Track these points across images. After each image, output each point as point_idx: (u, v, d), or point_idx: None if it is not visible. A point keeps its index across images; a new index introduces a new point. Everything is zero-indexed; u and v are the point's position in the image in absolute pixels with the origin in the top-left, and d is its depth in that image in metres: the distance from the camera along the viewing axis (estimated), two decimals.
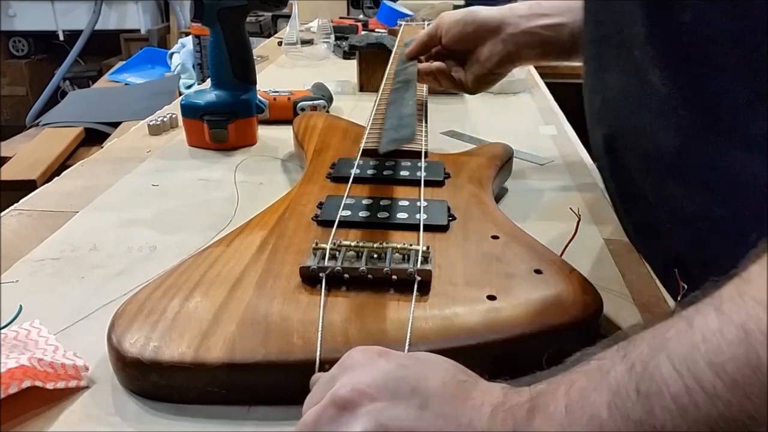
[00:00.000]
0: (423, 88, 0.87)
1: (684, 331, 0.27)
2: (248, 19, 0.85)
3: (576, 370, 0.30)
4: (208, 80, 0.88)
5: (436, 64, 0.79)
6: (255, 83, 0.85)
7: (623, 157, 0.48)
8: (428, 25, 1.28)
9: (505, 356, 0.41)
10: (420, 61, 0.81)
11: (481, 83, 0.78)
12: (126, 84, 2.22)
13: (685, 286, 0.46)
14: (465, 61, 0.77)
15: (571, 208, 0.62)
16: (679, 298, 0.48)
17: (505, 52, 0.73)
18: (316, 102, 0.96)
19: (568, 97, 0.94)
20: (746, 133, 0.38)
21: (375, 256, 0.46)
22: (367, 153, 0.68)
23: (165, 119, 0.92)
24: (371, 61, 1.13)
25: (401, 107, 0.61)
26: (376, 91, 0.88)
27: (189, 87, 1.72)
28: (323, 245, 0.46)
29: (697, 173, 0.41)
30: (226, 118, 0.82)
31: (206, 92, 0.85)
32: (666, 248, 0.47)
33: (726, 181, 0.40)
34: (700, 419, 0.25)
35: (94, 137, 1.73)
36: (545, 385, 0.31)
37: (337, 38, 1.53)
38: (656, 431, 0.26)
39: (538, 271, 0.46)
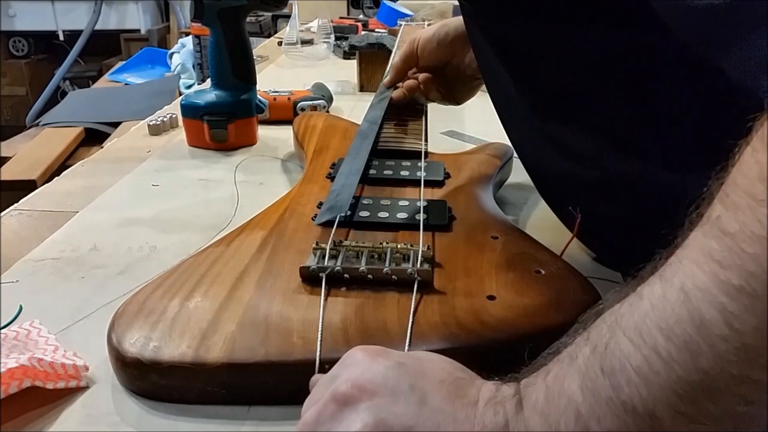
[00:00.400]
0: None
1: (635, 303, 0.28)
2: (248, 19, 0.85)
3: (550, 358, 0.32)
4: (208, 80, 0.88)
5: (422, 76, 0.78)
6: (255, 83, 0.85)
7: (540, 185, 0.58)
8: (428, 25, 1.29)
9: (505, 356, 0.41)
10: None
11: (468, 90, 0.77)
12: (126, 84, 2.22)
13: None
14: (446, 74, 0.76)
15: (571, 208, 0.62)
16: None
17: None
18: (316, 102, 0.96)
19: None
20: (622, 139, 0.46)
21: (375, 256, 0.46)
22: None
23: (165, 119, 0.92)
24: (371, 61, 1.13)
25: (351, 167, 0.59)
26: (376, 91, 0.88)
27: (189, 87, 1.72)
28: (323, 245, 0.46)
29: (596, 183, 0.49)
30: (226, 118, 0.82)
31: (206, 92, 0.85)
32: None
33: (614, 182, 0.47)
34: (663, 385, 0.26)
35: (94, 137, 1.72)
36: (530, 377, 0.32)
37: (337, 38, 1.53)
38: (627, 406, 0.27)
39: (538, 271, 0.46)
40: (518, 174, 0.76)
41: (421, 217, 0.53)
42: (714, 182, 0.27)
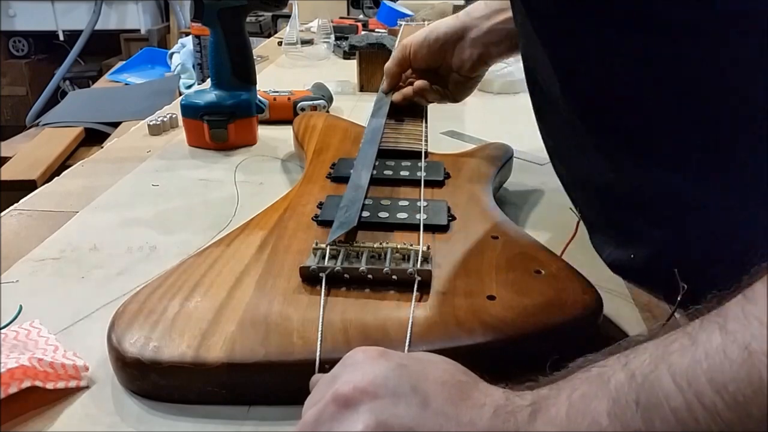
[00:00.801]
0: None
1: (687, 347, 0.27)
2: (248, 19, 0.85)
3: (578, 376, 0.31)
4: (208, 80, 0.88)
5: (418, 83, 0.78)
6: (255, 83, 0.85)
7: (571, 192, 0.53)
8: (428, 24, 1.29)
9: (505, 356, 0.41)
10: (399, 87, 0.80)
11: (464, 89, 0.78)
12: (126, 84, 2.22)
13: (685, 287, 0.46)
14: (440, 74, 0.77)
15: (571, 208, 0.62)
16: (678, 299, 0.48)
17: (475, 56, 0.73)
18: (316, 102, 0.96)
19: None
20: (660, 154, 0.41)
21: (375, 256, 0.46)
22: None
23: (165, 119, 0.92)
24: (371, 61, 1.13)
25: (358, 180, 0.59)
26: (376, 91, 0.88)
27: (189, 87, 1.72)
28: (323, 245, 0.46)
29: (630, 197, 0.44)
30: (226, 118, 0.82)
31: (206, 92, 0.85)
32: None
33: (655, 200, 0.43)
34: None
35: (94, 137, 1.72)
36: (547, 389, 0.31)
37: (337, 38, 1.53)
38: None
39: (538, 271, 0.46)
40: (518, 174, 0.76)
41: (421, 217, 0.53)
42: None
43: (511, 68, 1.17)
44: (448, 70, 0.75)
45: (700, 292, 0.30)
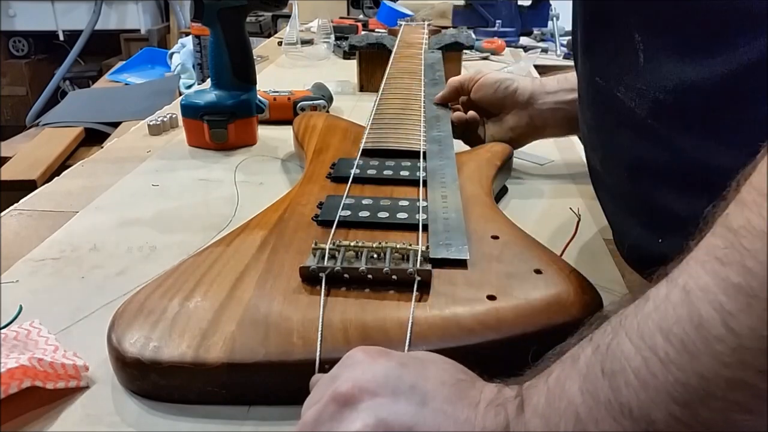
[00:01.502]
0: (423, 89, 0.87)
1: (640, 305, 0.28)
2: (248, 19, 0.85)
3: (554, 360, 0.32)
4: (208, 80, 0.88)
5: (471, 114, 0.79)
6: (255, 83, 0.85)
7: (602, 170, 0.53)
8: (428, 25, 1.29)
9: (505, 356, 0.41)
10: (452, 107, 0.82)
11: (502, 140, 0.78)
12: (126, 84, 2.22)
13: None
14: (489, 117, 0.79)
15: (571, 208, 0.63)
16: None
17: (531, 126, 0.75)
18: (316, 102, 0.96)
19: None
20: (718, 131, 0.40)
21: (375, 256, 0.46)
22: (366, 153, 0.68)
23: (165, 119, 0.92)
24: (371, 61, 1.13)
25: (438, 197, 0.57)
26: (376, 91, 0.88)
27: (189, 87, 1.72)
28: (323, 245, 0.46)
29: (684, 176, 0.43)
30: (226, 118, 0.82)
31: (206, 92, 0.85)
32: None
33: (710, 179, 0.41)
34: (660, 388, 0.26)
35: (94, 137, 1.72)
36: (531, 379, 0.32)
37: (337, 38, 1.53)
38: (624, 409, 0.27)
39: (538, 271, 0.46)
40: (518, 174, 0.76)
41: (421, 217, 0.53)
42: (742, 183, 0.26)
43: (511, 68, 1.17)
44: (498, 122, 0.78)
45: None
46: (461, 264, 0.47)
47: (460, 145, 0.84)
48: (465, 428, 0.31)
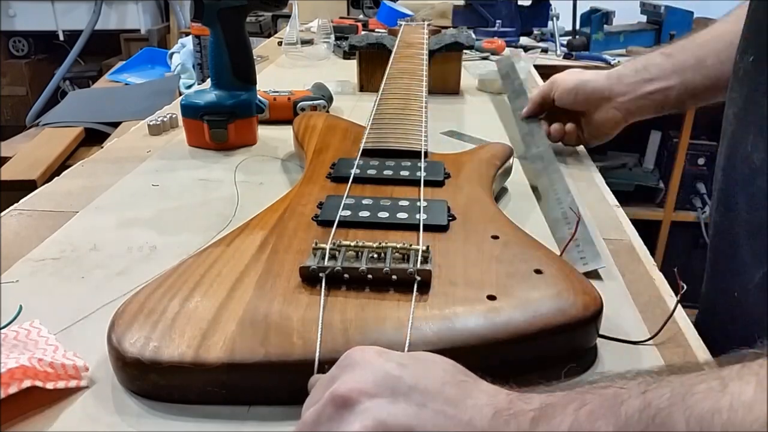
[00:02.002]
0: (423, 88, 0.87)
1: (714, 391, 0.26)
2: (248, 19, 0.85)
3: (592, 390, 0.30)
4: (208, 80, 0.88)
5: (570, 127, 0.83)
6: (255, 83, 0.85)
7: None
8: (428, 25, 1.29)
9: (505, 356, 0.41)
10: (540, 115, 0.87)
11: (597, 139, 0.84)
12: (126, 84, 2.22)
13: (684, 286, 0.46)
14: (579, 119, 0.83)
15: (570, 208, 0.63)
16: (678, 299, 0.48)
17: (618, 118, 0.78)
18: (316, 102, 0.96)
19: None
20: None
21: (375, 256, 0.46)
22: (366, 153, 0.68)
23: (165, 119, 0.92)
24: (371, 61, 1.13)
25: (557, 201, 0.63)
26: (376, 91, 0.88)
27: (189, 87, 1.72)
28: (323, 245, 0.46)
29: None
30: (226, 118, 0.82)
31: (206, 92, 0.85)
32: None
33: None
34: None
35: (94, 137, 1.72)
36: (556, 397, 0.31)
37: (337, 38, 1.53)
38: None
39: (538, 271, 0.46)
40: (518, 174, 0.76)
41: (421, 217, 0.53)
42: None
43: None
44: (587, 122, 0.82)
45: None
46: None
47: (460, 145, 0.84)
48: (467, 429, 0.31)
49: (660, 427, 0.26)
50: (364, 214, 0.54)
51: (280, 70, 1.40)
